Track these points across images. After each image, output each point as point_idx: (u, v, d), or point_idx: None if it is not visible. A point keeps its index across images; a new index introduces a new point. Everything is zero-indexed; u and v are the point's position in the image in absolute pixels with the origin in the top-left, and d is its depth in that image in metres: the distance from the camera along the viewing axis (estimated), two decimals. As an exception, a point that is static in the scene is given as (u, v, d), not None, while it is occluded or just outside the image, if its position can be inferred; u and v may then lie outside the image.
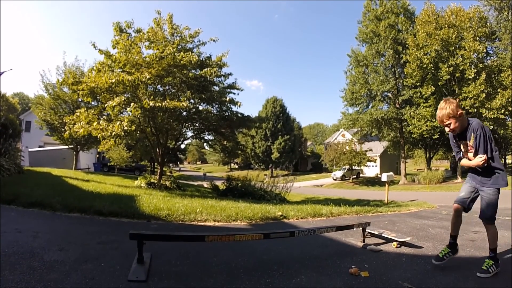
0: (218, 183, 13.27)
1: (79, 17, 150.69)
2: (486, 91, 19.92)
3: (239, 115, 11.89)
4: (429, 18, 22.27)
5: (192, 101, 10.56)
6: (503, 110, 19.73)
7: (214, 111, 11.36)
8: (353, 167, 31.24)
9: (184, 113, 10.36)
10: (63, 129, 14.42)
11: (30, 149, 20.72)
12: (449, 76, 21.08)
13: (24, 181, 7.20)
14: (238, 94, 11.83)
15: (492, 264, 2.44)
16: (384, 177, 11.40)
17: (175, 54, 8.90)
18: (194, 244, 2.97)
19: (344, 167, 32.24)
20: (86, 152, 21.80)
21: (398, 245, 3.31)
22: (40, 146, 25.71)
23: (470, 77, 20.24)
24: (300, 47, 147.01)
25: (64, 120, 11.28)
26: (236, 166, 62.21)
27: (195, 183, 21.50)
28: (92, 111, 9.34)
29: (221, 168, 65.00)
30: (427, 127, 22.48)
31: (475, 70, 20.12)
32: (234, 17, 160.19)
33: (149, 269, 2.32)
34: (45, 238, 2.99)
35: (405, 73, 23.91)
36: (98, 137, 8.48)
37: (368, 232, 3.60)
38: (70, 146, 18.96)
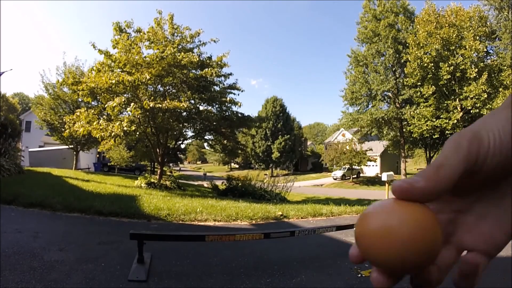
0: (218, 182, 13.26)
1: (79, 17, 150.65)
2: (487, 91, 19.91)
3: (239, 115, 11.90)
4: (430, 17, 22.26)
5: (192, 101, 10.56)
6: (504, 110, 19.68)
7: (215, 111, 11.37)
8: (353, 166, 31.23)
9: (185, 113, 10.37)
10: (63, 129, 14.40)
11: (30, 149, 20.73)
12: (449, 76, 21.07)
13: (24, 181, 7.21)
14: (238, 94, 11.86)
15: None
16: (384, 176, 11.38)
17: (176, 54, 8.90)
18: (194, 244, 2.97)
19: (344, 166, 32.23)
20: (86, 152, 21.80)
21: None
22: (40, 146, 25.71)
23: (471, 76, 20.23)
24: (301, 47, 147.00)
25: (64, 120, 11.28)
26: (236, 166, 62.21)
27: (195, 183, 21.51)
28: (92, 111, 9.34)
29: (221, 167, 65.00)
30: (427, 127, 22.47)
31: (476, 70, 20.11)
32: (235, 16, 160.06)
33: (149, 269, 2.32)
34: (46, 238, 3.00)
35: (405, 72, 23.89)
36: (98, 137, 8.48)
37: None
38: (70, 146, 18.97)
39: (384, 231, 0.19)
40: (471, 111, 20.95)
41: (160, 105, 8.27)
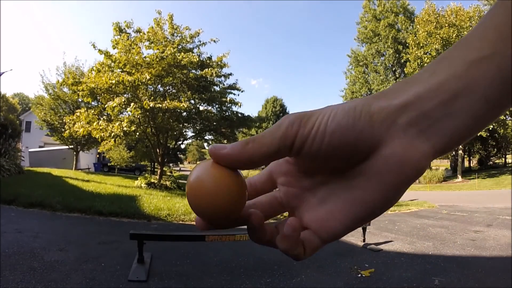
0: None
1: (79, 17, 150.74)
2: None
3: (239, 115, 11.91)
4: (430, 17, 22.29)
5: (192, 101, 10.56)
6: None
7: (215, 111, 11.37)
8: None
9: (185, 113, 10.37)
10: (63, 129, 14.42)
11: (30, 150, 20.71)
12: (449, 76, 21.11)
13: (24, 181, 7.21)
14: (238, 94, 11.88)
15: None
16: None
17: (176, 54, 8.91)
18: (194, 244, 2.97)
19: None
20: (86, 152, 21.79)
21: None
22: (40, 147, 25.70)
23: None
24: (302, 46, 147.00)
25: (64, 120, 11.29)
26: (236, 166, 62.11)
27: (195, 183, 21.46)
28: (92, 111, 9.34)
29: (221, 168, 64.91)
30: (427, 127, 22.50)
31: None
32: (236, 16, 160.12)
33: (150, 269, 2.32)
34: (46, 238, 3.00)
35: (405, 72, 23.90)
36: (98, 137, 8.48)
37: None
38: (70, 146, 18.97)
39: (197, 185, 0.22)
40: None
41: (160, 105, 8.28)
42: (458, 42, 0.21)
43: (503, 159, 35.47)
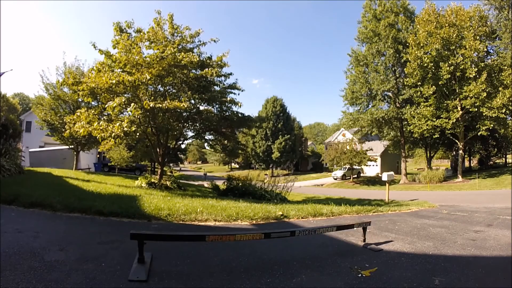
0: (219, 183, 13.27)
1: (79, 17, 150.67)
2: (487, 90, 19.86)
3: (240, 115, 11.91)
4: (430, 17, 22.26)
5: (192, 101, 10.56)
6: (504, 109, 19.69)
7: (215, 111, 11.38)
8: (354, 166, 31.20)
9: (185, 113, 10.37)
10: (63, 129, 14.40)
11: (30, 149, 20.73)
12: (449, 75, 21.04)
13: (24, 181, 7.21)
14: (238, 94, 11.88)
15: None
16: (384, 176, 11.41)
17: (176, 54, 8.91)
18: (194, 244, 2.97)
19: (344, 166, 32.21)
20: (86, 152, 21.81)
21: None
22: (40, 147, 25.72)
23: (471, 76, 20.20)
24: (302, 46, 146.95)
25: (64, 120, 11.30)
26: (237, 166, 62.21)
27: (196, 183, 21.52)
28: (93, 111, 9.34)
29: (221, 167, 65.01)
30: (427, 127, 22.44)
31: (476, 69, 20.08)
32: (236, 16, 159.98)
33: (150, 269, 2.32)
34: (46, 238, 3.00)
35: (406, 72, 23.88)
36: (98, 137, 8.49)
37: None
38: (70, 146, 18.98)
39: None
40: (471, 110, 20.93)
41: (161, 105, 8.28)
42: None
43: (504, 159, 35.44)
